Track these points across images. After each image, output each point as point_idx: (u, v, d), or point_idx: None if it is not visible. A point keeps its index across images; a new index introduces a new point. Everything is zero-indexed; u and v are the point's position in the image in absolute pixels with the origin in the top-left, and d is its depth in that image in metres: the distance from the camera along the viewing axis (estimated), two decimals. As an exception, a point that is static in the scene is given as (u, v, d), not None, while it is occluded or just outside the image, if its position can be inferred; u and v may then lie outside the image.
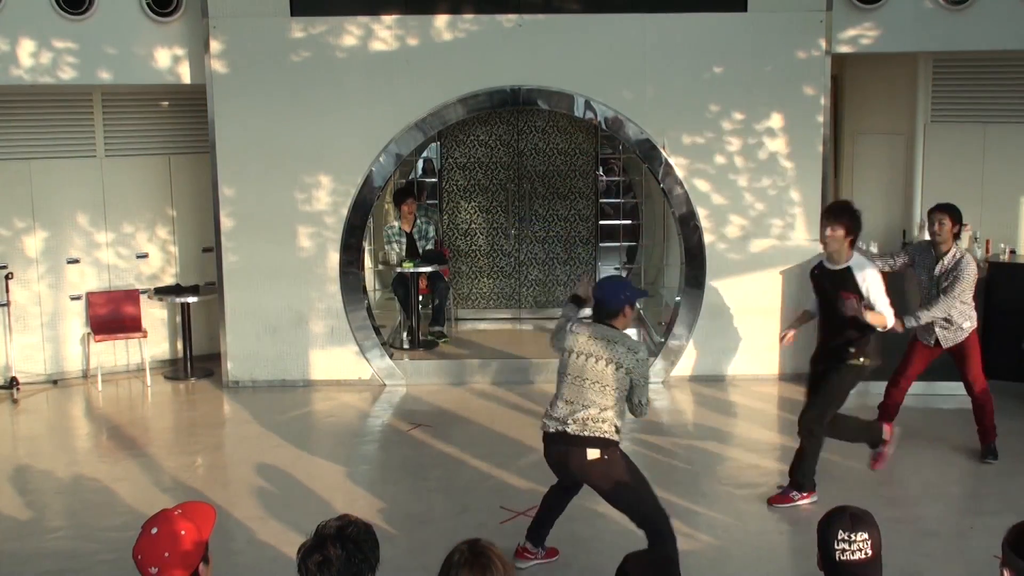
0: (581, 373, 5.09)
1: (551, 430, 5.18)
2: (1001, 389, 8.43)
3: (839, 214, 6.09)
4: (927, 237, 7.13)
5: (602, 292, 5.24)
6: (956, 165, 9.33)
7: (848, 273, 6.06)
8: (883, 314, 6.04)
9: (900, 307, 6.43)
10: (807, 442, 6.30)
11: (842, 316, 6.04)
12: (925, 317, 6.79)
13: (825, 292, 6.23)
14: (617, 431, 5.09)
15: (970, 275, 6.75)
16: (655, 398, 8.73)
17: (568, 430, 5.07)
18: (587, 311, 5.38)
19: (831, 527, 3.12)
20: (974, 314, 6.92)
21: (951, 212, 6.85)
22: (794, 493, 6.34)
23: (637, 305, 5.18)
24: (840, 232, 6.02)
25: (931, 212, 6.93)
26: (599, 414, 5.02)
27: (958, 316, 6.85)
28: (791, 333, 6.60)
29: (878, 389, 7.45)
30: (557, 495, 5.57)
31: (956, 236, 6.87)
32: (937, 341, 7.00)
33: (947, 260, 6.81)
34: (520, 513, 6.23)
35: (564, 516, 5.73)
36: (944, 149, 9.37)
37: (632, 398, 5.11)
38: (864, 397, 7.49)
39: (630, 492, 5.10)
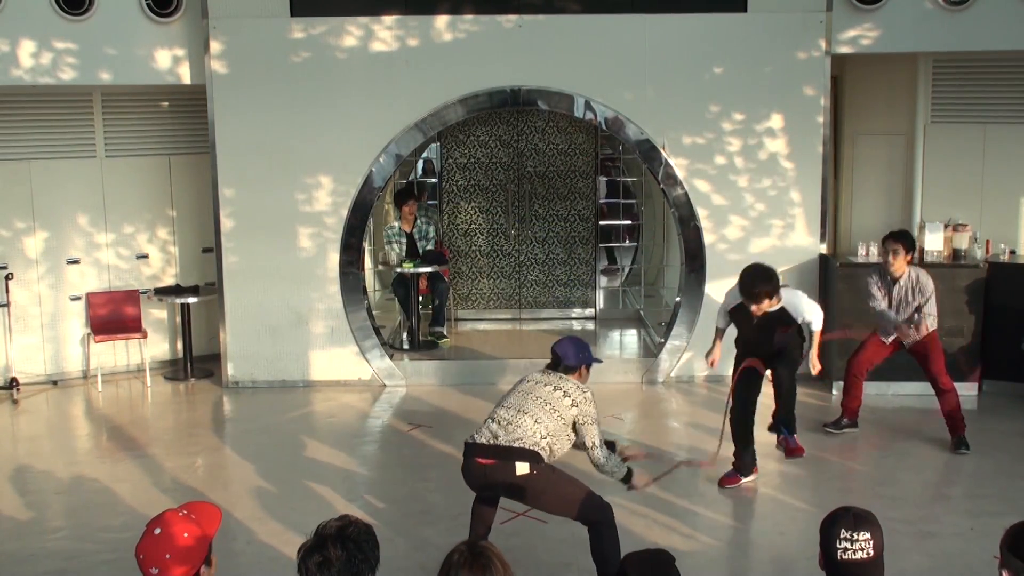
0: (530, 391, 5.06)
1: (478, 440, 5.00)
2: (1001, 389, 8.46)
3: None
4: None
5: (564, 349, 5.26)
6: (956, 165, 9.33)
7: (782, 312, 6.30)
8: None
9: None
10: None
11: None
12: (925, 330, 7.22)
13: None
14: (547, 453, 4.93)
15: (932, 286, 7.23)
16: (654, 399, 8.74)
17: (495, 442, 4.91)
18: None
19: (834, 526, 3.12)
20: (936, 314, 7.29)
21: (905, 241, 7.23)
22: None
23: (591, 369, 5.33)
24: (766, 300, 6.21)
25: (885, 240, 7.25)
26: (534, 426, 4.90)
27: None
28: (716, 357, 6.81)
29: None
30: (487, 504, 5.40)
31: (909, 263, 7.26)
32: (896, 338, 7.35)
33: (903, 282, 7.20)
34: (520, 514, 6.23)
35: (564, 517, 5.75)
36: (944, 149, 9.37)
37: (582, 440, 5.03)
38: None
39: (571, 493, 5.00)
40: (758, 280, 6.14)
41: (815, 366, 6.75)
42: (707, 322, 8.96)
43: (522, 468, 4.88)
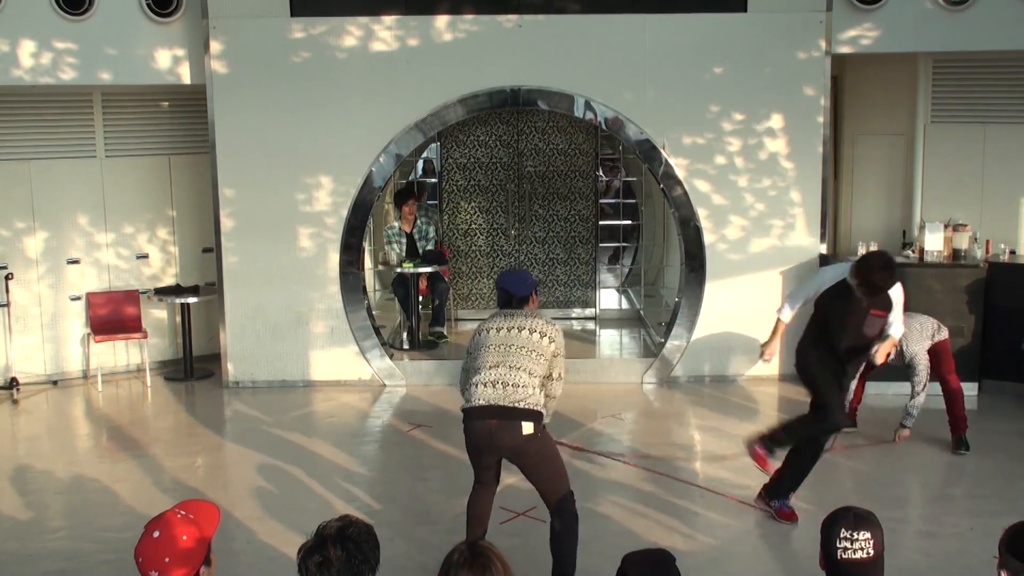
0: (505, 341, 5.07)
1: (476, 403, 5.00)
2: (1001, 389, 8.46)
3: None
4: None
5: (510, 283, 5.35)
6: (956, 165, 9.33)
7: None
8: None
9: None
10: None
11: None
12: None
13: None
14: (542, 406, 5.02)
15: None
16: (654, 399, 8.74)
17: (499, 403, 4.93)
18: None
19: (834, 526, 3.12)
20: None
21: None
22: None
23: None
24: None
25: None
26: (528, 380, 4.95)
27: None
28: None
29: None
30: (483, 500, 5.42)
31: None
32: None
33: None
34: (520, 514, 6.23)
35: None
36: (944, 149, 9.37)
37: (552, 371, 5.11)
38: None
39: (559, 474, 5.10)
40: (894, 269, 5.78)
41: (882, 357, 6.20)
42: (707, 322, 8.99)
43: (527, 428, 4.93)
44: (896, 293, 5.89)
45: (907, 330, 6.58)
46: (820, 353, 5.98)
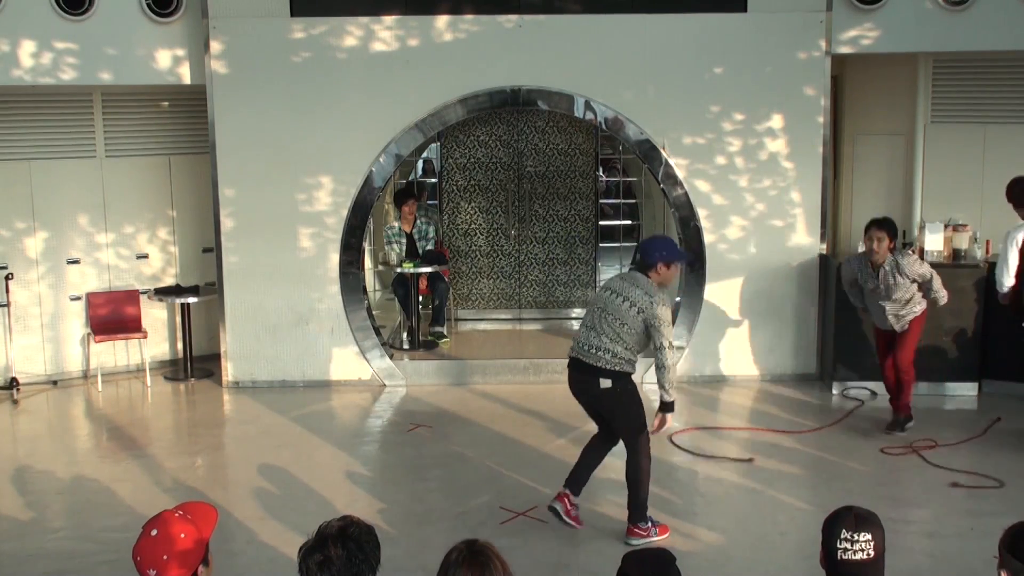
0: (605, 306, 5.68)
1: (572, 355, 5.80)
2: (1001, 389, 8.46)
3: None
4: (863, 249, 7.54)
5: (646, 246, 5.89)
6: (956, 165, 9.33)
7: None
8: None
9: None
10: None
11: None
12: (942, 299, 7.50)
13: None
14: (630, 364, 5.65)
15: (928, 268, 7.42)
16: (654, 399, 8.72)
17: (585, 359, 5.68)
18: None
19: (835, 526, 3.11)
20: (924, 300, 7.47)
21: (889, 229, 7.30)
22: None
23: (677, 266, 5.83)
24: None
25: (868, 228, 7.34)
26: (611, 345, 5.59)
27: (915, 304, 7.44)
28: None
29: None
30: (595, 448, 6.03)
31: (891, 251, 7.33)
32: (890, 325, 7.50)
33: (887, 267, 7.27)
34: (520, 513, 6.23)
35: (564, 516, 5.77)
36: (944, 149, 9.37)
37: (651, 341, 5.62)
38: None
39: (631, 421, 5.75)
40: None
41: None
42: (707, 322, 8.99)
43: (605, 383, 5.67)
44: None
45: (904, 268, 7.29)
46: None
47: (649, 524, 5.85)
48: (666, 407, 5.71)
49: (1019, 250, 7.56)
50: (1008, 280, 7.61)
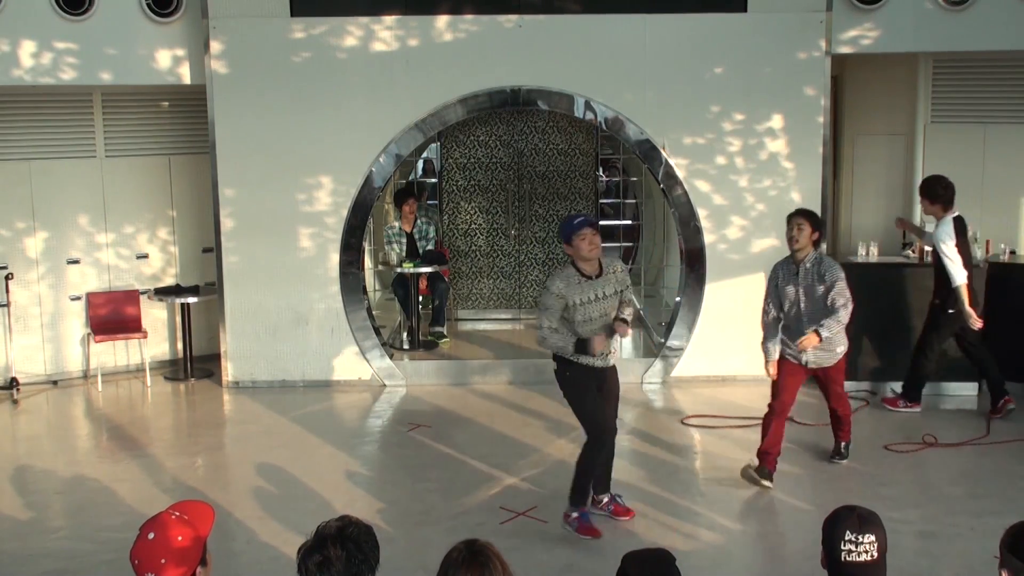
0: None
1: None
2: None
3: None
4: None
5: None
6: (956, 165, 9.31)
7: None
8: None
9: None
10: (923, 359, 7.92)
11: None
12: (834, 326, 6.40)
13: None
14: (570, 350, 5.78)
15: (841, 272, 6.48)
16: (654, 399, 8.74)
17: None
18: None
19: (838, 527, 3.10)
20: (846, 338, 6.67)
21: (811, 218, 6.52)
22: (902, 401, 8.03)
23: (581, 237, 5.71)
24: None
25: (790, 217, 6.58)
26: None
27: (837, 338, 6.52)
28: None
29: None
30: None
31: (816, 244, 6.55)
32: (807, 361, 6.63)
33: (809, 264, 6.48)
34: (520, 513, 6.23)
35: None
36: (944, 149, 9.37)
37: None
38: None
39: (574, 408, 5.95)
40: None
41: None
42: (707, 322, 8.99)
43: (553, 365, 5.98)
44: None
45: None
46: None
47: (575, 515, 5.84)
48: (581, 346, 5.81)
49: (955, 244, 7.53)
50: (962, 274, 7.50)
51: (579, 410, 5.91)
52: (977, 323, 7.57)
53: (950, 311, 7.67)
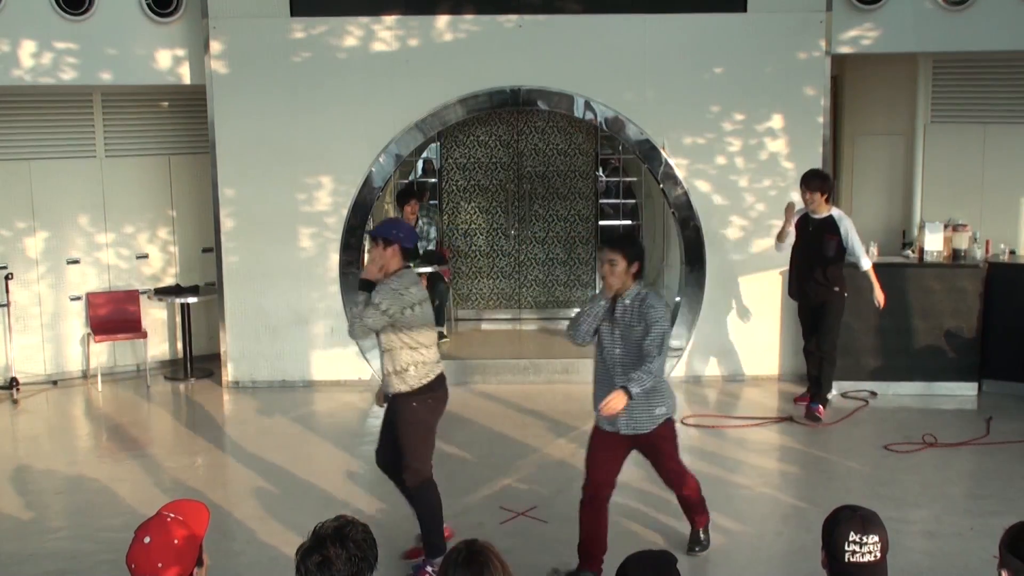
0: None
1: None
2: (1001, 389, 8.46)
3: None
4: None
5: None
6: (956, 165, 9.34)
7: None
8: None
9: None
10: (828, 363, 7.91)
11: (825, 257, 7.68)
12: (646, 380, 4.99)
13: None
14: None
15: (663, 313, 5.12)
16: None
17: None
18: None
19: (840, 527, 3.09)
20: (673, 396, 5.38)
21: (625, 249, 5.15)
22: (815, 404, 7.90)
23: (391, 250, 5.40)
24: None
25: (599, 249, 5.68)
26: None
27: (655, 397, 5.17)
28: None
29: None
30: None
31: (635, 277, 5.13)
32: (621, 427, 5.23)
33: (628, 300, 5.14)
34: (520, 513, 6.23)
35: (564, 518, 5.79)
36: (944, 149, 9.37)
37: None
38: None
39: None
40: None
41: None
42: (707, 322, 8.99)
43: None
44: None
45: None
46: None
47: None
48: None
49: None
50: (867, 260, 7.85)
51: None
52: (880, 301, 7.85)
53: (845, 294, 7.89)
